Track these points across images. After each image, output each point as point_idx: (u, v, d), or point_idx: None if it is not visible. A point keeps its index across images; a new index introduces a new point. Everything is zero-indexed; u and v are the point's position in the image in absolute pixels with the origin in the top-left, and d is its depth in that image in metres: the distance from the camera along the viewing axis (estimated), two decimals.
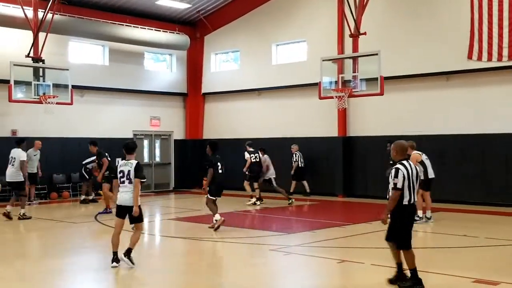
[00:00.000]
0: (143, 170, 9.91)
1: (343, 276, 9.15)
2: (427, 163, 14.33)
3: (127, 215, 9.51)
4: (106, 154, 17.32)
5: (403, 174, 7.79)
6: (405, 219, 7.95)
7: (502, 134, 17.69)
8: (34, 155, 19.07)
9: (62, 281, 9.00)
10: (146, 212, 17.93)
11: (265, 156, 19.16)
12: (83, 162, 19.92)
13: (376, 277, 9.03)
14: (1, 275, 9.02)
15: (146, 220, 16.15)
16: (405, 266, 7.91)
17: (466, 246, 11.43)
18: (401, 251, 7.98)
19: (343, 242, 11.98)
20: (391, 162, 14.93)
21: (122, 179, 9.54)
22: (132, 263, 9.34)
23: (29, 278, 8.99)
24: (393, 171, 7.87)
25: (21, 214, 15.44)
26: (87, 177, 20.06)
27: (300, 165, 20.82)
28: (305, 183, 20.93)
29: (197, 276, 9.21)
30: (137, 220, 9.54)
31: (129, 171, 9.48)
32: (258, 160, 18.80)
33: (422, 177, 14.20)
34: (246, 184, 19.04)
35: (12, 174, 15.63)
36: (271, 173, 18.94)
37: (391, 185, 7.84)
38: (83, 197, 19.96)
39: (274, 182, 18.96)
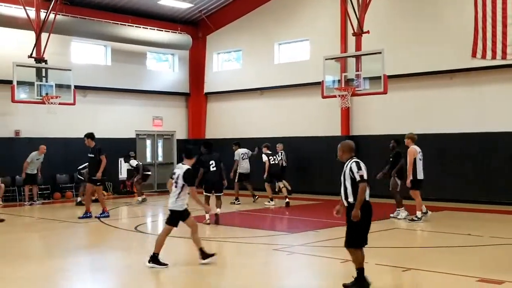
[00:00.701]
0: (191, 177, 9.69)
1: (347, 276, 9.10)
2: (420, 164, 14.21)
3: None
4: None
5: (365, 167, 7.68)
6: (368, 216, 7.74)
7: (505, 133, 17.67)
8: (37, 159, 19.25)
9: (66, 280, 9.00)
10: (149, 212, 18.00)
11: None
12: (78, 168, 19.86)
13: (380, 277, 9.03)
14: (5, 275, 9.02)
15: (149, 221, 16.23)
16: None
17: (470, 246, 11.41)
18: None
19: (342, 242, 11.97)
20: (390, 159, 15.07)
21: (173, 182, 9.53)
22: (210, 256, 9.40)
23: (34, 278, 8.99)
24: (354, 164, 7.65)
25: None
26: (82, 178, 19.80)
27: (284, 165, 20.81)
28: (285, 182, 20.35)
29: (199, 276, 9.22)
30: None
31: (178, 175, 9.44)
32: (276, 161, 18.80)
33: (420, 177, 14.32)
34: (267, 185, 18.80)
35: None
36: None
37: (356, 179, 7.55)
38: (79, 199, 19.69)
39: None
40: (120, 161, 23.07)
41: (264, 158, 18.56)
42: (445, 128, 18.69)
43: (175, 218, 9.48)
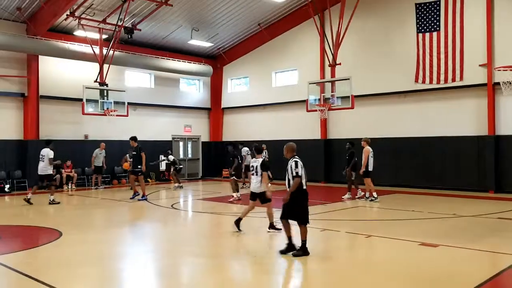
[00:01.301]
0: (267, 165, 9.70)
1: (324, 241, 9.15)
2: (371, 160, 14.25)
3: (257, 198, 9.48)
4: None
5: (301, 165, 7.58)
6: (305, 201, 7.65)
7: (440, 137, 17.69)
8: (100, 153, 19.24)
9: (119, 246, 9.03)
10: (182, 194, 18.02)
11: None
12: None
13: (348, 241, 9.06)
14: (78, 240, 9.07)
15: (182, 201, 16.26)
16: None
17: (413, 219, 11.43)
18: (299, 227, 7.64)
19: (324, 216, 11.99)
20: (347, 157, 15.11)
21: (253, 172, 9.59)
22: (277, 229, 9.35)
23: (97, 242, 9.04)
24: (293, 163, 7.57)
25: (51, 200, 14.14)
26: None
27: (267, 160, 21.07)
28: (269, 173, 20.22)
29: (216, 240, 9.23)
30: (266, 201, 9.44)
31: (257, 166, 9.51)
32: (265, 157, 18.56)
33: (370, 169, 14.33)
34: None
35: (42, 168, 14.12)
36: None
37: (293, 174, 7.55)
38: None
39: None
40: (160, 157, 23.14)
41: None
42: (398, 134, 18.69)
43: (257, 196, 9.50)
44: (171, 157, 19.65)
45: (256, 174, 9.50)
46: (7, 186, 17.45)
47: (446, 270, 6.69)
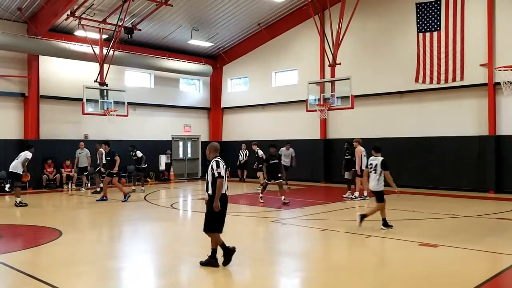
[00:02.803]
0: (387, 164, 9.79)
1: (323, 241, 9.15)
2: (364, 159, 14.28)
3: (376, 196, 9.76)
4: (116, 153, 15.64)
5: (223, 165, 6.81)
6: (224, 206, 6.83)
7: (439, 137, 17.68)
8: (80, 153, 18.64)
9: (119, 243, 9.04)
10: (181, 194, 18.01)
11: (290, 149, 19.00)
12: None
13: (347, 242, 9.06)
14: (82, 239, 9.08)
15: (181, 200, 16.25)
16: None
17: (414, 219, 11.42)
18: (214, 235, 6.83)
19: (324, 216, 12.00)
20: (345, 156, 15.18)
21: (371, 170, 9.76)
22: (389, 226, 9.67)
23: (102, 240, 9.05)
24: (214, 163, 6.80)
25: (17, 202, 13.77)
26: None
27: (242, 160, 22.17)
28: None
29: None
30: (381, 200, 9.71)
31: (376, 164, 9.66)
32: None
33: (363, 168, 14.37)
34: (260, 173, 18.61)
35: (14, 166, 14.07)
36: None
37: (215, 175, 6.72)
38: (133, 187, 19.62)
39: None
40: (160, 157, 23.18)
41: (260, 153, 17.67)
42: (398, 134, 18.67)
43: (380, 195, 9.72)
44: (139, 153, 18.50)
45: (375, 172, 9.69)
46: (8, 185, 17.44)
47: (446, 270, 6.68)
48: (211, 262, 6.80)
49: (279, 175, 14.16)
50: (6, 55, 18.34)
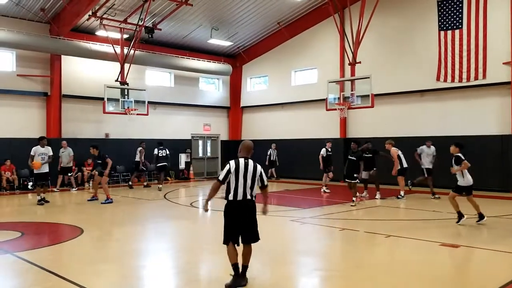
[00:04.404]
0: (460, 159, 10.47)
1: (343, 240, 9.11)
2: (402, 156, 14.40)
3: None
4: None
5: (228, 168, 5.87)
6: (225, 215, 5.96)
7: (461, 136, 17.36)
8: (63, 152, 17.76)
9: (140, 242, 9.13)
10: (201, 192, 18.10)
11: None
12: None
13: (367, 241, 9.00)
14: (103, 236, 9.19)
15: (201, 199, 16.32)
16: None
17: (434, 219, 11.30)
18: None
19: (343, 215, 11.94)
20: (350, 156, 14.93)
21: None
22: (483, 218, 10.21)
23: (124, 239, 9.15)
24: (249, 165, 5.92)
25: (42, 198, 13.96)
26: (144, 168, 19.83)
27: (273, 159, 22.21)
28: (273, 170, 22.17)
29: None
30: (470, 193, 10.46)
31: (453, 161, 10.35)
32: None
33: (398, 167, 14.34)
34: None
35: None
36: None
37: (260, 180, 5.98)
38: (146, 183, 20.05)
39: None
40: (180, 155, 23.34)
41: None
42: (418, 133, 18.41)
43: (463, 190, 10.36)
44: (167, 151, 18.53)
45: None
46: (30, 183, 17.76)
47: (468, 271, 6.60)
48: (235, 281, 5.83)
49: (355, 175, 13.45)
50: (30, 55, 18.69)
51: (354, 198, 13.51)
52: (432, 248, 8.02)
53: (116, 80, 19.22)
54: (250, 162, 5.97)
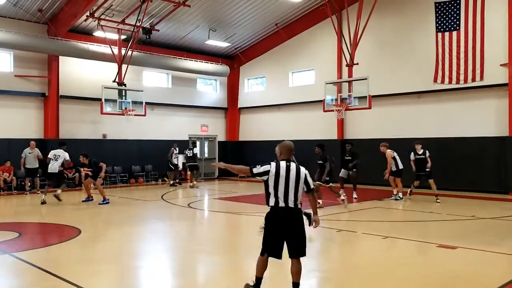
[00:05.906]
0: None
1: (341, 242, 9.12)
2: (398, 158, 14.47)
3: None
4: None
5: (268, 169, 5.29)
6: (266, 221, 5.37)
7: (458, 138, 17.46)
8: (30, 153, 17.15)
9: (137, 242, 9.12)
10: (198, 193, 18.09)
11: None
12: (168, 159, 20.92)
13: (365, 242, 9.00)
14: (101, 237, 9.17)
15: (198, 200, 16.30)
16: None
17: (432, 220, 11.31)
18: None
19: (341, 216, 11.95)
20: (346, 157, 15.02)
21: None
22: None
23: (121, 239, 9.13)
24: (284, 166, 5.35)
25: (57, 195, 14.16)
26: (172, 167, 20.84)
27: None
28: None
29: (233, 238, 9.25)
30: None
31: None
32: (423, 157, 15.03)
33: (393, 169, 14.44)
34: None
35: (54, 167, 14.28)
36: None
37: (306, 184, 5.44)
38: (171, 181, 20.59)
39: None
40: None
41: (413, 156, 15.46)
42: (416, 135, 18.39)
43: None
44: (195, 150, 20.28)
45: None
46: (28, 184, 17.71)
47: (465, 272, 6.61)
48: None
49: (327, 178, 13.19)
50: (27, 56, 18.67)
51: (340, 198, 13.42)
52: (430, 249, 8.03)
53: (114, 81, 19.19)
54: (293, 165, 5.36)
